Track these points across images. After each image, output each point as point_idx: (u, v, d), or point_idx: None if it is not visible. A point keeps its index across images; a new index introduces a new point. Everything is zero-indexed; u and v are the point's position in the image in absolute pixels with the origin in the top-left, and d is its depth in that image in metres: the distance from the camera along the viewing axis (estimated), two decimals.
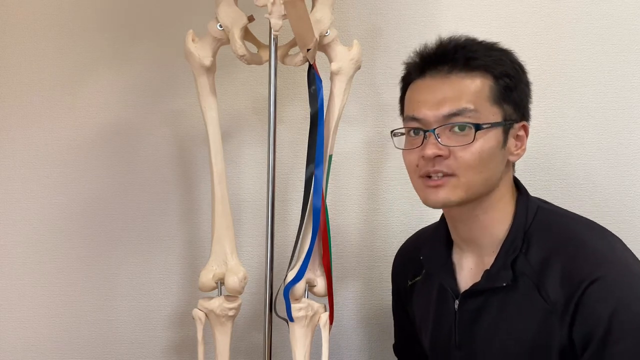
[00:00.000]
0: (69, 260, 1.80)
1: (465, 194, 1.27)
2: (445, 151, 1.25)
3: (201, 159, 1.79)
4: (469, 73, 1.27)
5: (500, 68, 1.28)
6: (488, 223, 1.31)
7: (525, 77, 1.33)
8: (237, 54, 1.40)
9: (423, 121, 1.28)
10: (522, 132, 1.31)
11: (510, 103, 1.29)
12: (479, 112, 1.25)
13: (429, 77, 1.30)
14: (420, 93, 1.31)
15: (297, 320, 1.43)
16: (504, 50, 1.32)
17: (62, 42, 1.79)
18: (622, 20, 1.76)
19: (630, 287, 1.21)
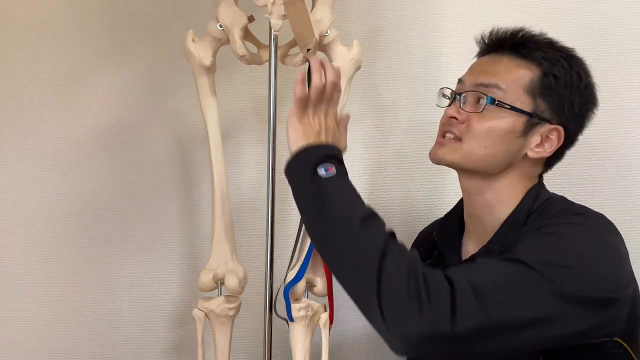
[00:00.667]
0: (69, 260, 1.80)
1: (461, 159, 1.32)
2: (463, 116, 1.31)
3: (201, 159, 1.79)
4: (518, 60, 1.32)
5: (549, 66, 1.31)
6: (493, 202, 1.34)
7: (583, 88, 1.33)
8: (237, 54, 1.40)
9: (462, 84, 1.36)
10: (554, 135, 1.32)
11: (547, 101, 1.30)
12: (506, 93, 1.29)
13: (489, 55, 1.37)
14: (475, 64, 1.39)
15: (297, 320, 1.43)
16: (569, 55, 1.34)
17: (62, 42, 1.79)
18: (622, 20, 1.77)
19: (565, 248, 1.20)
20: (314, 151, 1.23)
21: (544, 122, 1.30)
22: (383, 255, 1.11)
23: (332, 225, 1.16)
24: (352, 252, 1.13)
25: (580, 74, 1.33)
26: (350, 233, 1.14)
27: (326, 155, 1.22)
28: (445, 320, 1.07)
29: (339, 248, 1.15)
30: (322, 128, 1.28)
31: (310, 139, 1.25)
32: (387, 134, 1.80)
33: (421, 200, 1.79)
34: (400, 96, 1.79)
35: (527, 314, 1.11)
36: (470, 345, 1.10)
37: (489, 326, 1.09)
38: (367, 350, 1.83)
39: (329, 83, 1.26)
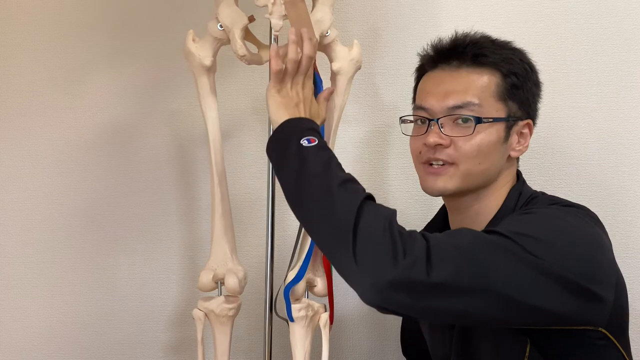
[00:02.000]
0: (69, 260, 1.80)
1: (462, 182, 1.31)
2: (447, 140, 1.30)
3: (201, 159, 1.79)
4: (477, 69, 1.32)
5: (508, 66, 1.32)
6: (481, 211, 1.35)
7: (535, 77, 1.37)
8: (237, 54, 1.40)
9: (429, 111, 1.33)
10: (527, 129, 1.35)
11: (516, 101, 1.33)
12: (482, 107, 1.30)
13: (439, 70, 1.36)
14: (430, 84, 1.37)
15: (297, 320, 1.43)
16: (515, 50, 1.36)
17: (62, 42, 1.79)
18: (621, 20, 1.77)
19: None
20: (298, 123, 1.26)
21: (517, 120, 1.34)
22: (360, 209, 1.12)
23: (313, 187, 1.17)
24: (330, 208, 1.14)
25: (529, 64, 1.36)
26: (330, 192, 1.15)
27: (309, 128, 1.24)
28: (421, 268, 1.07)
29: (317, 207, 1.16)
30: (300, 99, 1.30)
31: (290, 110, 1.28)
32: (387, 134, 1.80)
33: (421, 201, 1.79)
34: (400, 96, 1.78)
35: (502, 275, 1.10)
36: (442, 298, 1.08)
37: (463, 279, 1.08)
38: (368, 350, 1.83)
39: (305, 57, 1.28)
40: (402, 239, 1.10)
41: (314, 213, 1.17)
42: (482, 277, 1.09)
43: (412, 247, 1.09)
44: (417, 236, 1.11)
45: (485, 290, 1.09)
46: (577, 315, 1.16)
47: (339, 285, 1.72)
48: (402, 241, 1.09)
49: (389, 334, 1.81)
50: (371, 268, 1.09)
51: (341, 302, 1.77)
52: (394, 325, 1.79)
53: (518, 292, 1.10)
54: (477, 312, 1.11)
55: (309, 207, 1.18)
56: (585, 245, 1.19)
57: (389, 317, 1.80)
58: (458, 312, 1.11)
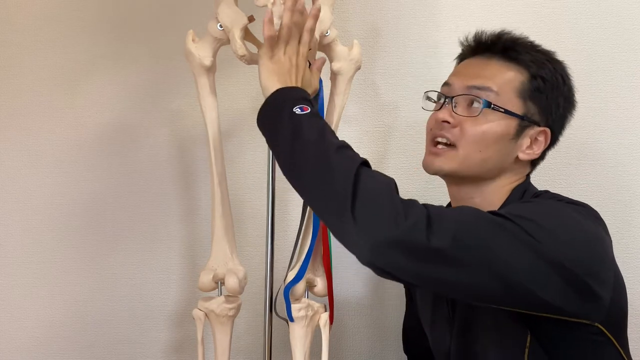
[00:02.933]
0: (69, 260, 1.80)
1: (458, 166, 1.31)
2: (455, 120, 1.31)
3: (201, 159, 1.79)
4: (507, 63, 1.33)
5: (537, 69, 1.32)
6: (482, 205, 1.32)
7: (567, 91, 1.35)
8: (237, 54, 1.40)
9: (451, 87, 1.34)
10: (542, 137, 1.33)
11: (537, 104, 1.32)
12: (499, 96, 1.30)
13: (475, 58, 1.38)
14: (461, 66, 1.40)
15: (297, 320, 1.43)
16: (553, 59, 1.36)
17: (62, 42, 1.79)
18: (622, 20, 1.77)
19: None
20: (290, 92, 1.26)
21: (533, 124, 1.32)
22: (358, 173, 1.12)
23: (308, 153, 1.17)
24: (327, 173, 1.14)
25: (564, 77, 1.35)
26: (326, 157, 1.15)
27: (301, 97, 1.24)
28: (421, 232, 1.07)
29: (314, 173, 1.15)
30: (292, 66, 1.29)
31: (282, 77, 1.28)
32: (387, 134, 1.80)
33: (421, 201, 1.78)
34: (400, 96, 1.79)
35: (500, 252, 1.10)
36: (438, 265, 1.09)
37: (462, 250, 1.08)
38: (368, 351, 1.83)
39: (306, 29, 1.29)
40: (403, 203, 1.11)
41: (311, 179, 1.16)
42: (481, 251, 1.10)
43: (414, 212, 1.09)
44: (418, 203, 1.13)
45: (482, 265, 1.10)
46: (572, 306, 1.16)
47: (339, 285, 1.72)
48: (403, 205, 1.10)
49: (389, 334, 1.81)
50: (371, 228, 1.08)
51: (341, 302, 1.78)
52: (394, 325, 1.79)
53: (514, 272, 1.11)
54: (471, 285, 1.11)
55: (306, 174, 1.17)
56: (587, 240, 1.19)
57: (389, 317, 1.80)
58: (451, 283, 1.11)
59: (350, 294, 1.82)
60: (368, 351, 1.83)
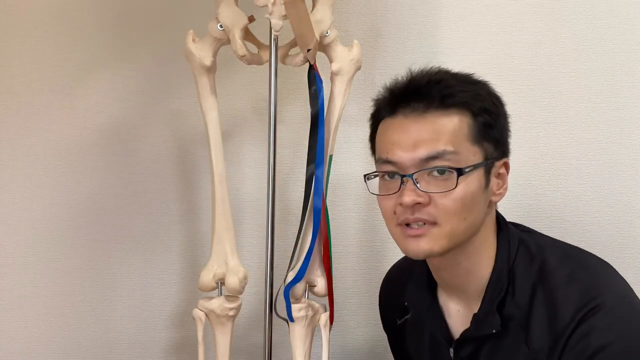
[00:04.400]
0: (69, 260, 1.80)
1: (448, 243, 1.19)
2: (426, 198, 1.17)
3: (201, 159, 1.79)
4: (445, 110, 1.18)
5: (478, 104, 1.20)
6: (472, 269, 1.24)
7: (504, 110, 1.25)
8: (237, 55, 1.40)
9: (399, 165, 1.19)
10: (504, 169, 1.24)
11: (491, 140, 1.21)
12: (458, 154, 1.17)
13: (401, 115, 1.21)
14: (393, 133, 1.21)
15: (297, 321, 1.43)
16: (480, 83, 1.24)
17: (62, 42, 1.79)
18: (622, 20, 1.76)
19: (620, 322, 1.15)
20: None
21: (494, 161, 1.22)
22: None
23: None
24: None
25: (497, 97, 1.24)
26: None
27: None
28: None
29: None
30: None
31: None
32: None
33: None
34: None
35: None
36: None
37: None
38: (368, 351, 1.83)
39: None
40: None
41: None
42: None
43: None
44: None
45: None
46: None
47: (339, 285, 1.72)
48: None
49: None
50: None
51: (341, 302, 1.78)
52: None
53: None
54: None
55: None
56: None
57: None
58: None
59: (350, 294, 1.82)
60: (368, 351, 1.83)
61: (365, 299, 1.82)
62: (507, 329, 1.21)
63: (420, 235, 1.18)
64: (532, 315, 1.19)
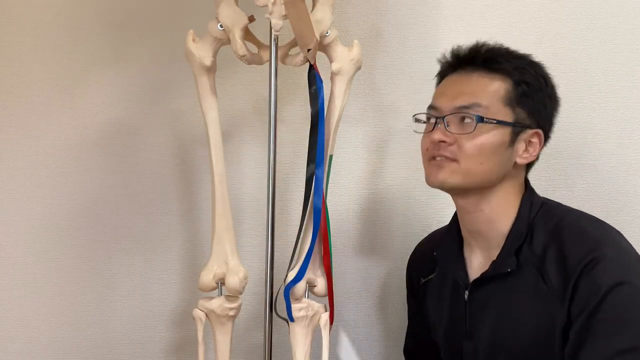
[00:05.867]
0: (69, 260, 1.80)
1: (463, 179, 1.34)
2: (451, 138, 1.34)
3: (201, 159, 1.79)
4: (489, 74, 1.37)
5: (520, 75, 1.36)
6: (493, 217, 1.38)
7: (550, 90, 1.41)
8: (237, 54, 1.40)
9: (439, 109, 1.37)
10: (536, 139, 1.38)
11: (525, 109, 1.36)
12: (488, 109, 1.34)
13: (456, 74, 1.41)
14: (444, 86, 1.42)
15: (297, 320, 1.43)
16: (531, 62, 1.40)
17: (62, 42, 1.79)
18: (622, 20, 1.77)
19: (625, 267, 1.28)
20: None
21: (526, 128, 1.37)
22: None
23: None
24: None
25: (545, 77, 1.40)
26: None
27: None
28: None
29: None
30: None
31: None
32: (387, 135, 1.80)
33: (422, 201, 1.79)
34: (400, 96, 1.79)
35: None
36: None
37: None
38: (368, 351, 1.83)
39: None
40: None
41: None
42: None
43: None
44: None
45: None
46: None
47: (339, 285, 1.72)
48: None
49: (389, 334, 1.81)
50: None
51: (341, 302, 1.78)
52: (394, 326, 1.79)
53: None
54: None
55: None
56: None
57: (389, 317, 1.80)
58: None
59: (350, 294, 1.82)
60: (368, 351, 1.83)
61: (365, 299, 1.82)
62: (521, 270, 1.34)
63: (440, 166, 1.36)
64: (546, 259, 1.32)
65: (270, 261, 1.46)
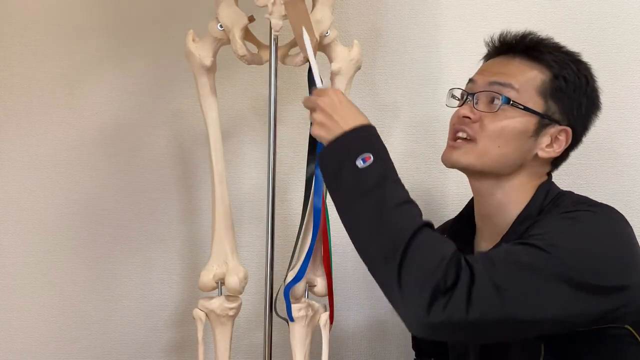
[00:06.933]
0: (69, 260, 1.80)
1: (475, 160, 1.33)
2: (477, 115, 1.33)
3: (201, 159, 1.79)
4: (530, 62, 1.35)
5: (560, 69, 1.35)
6: (505, 202, 1.35)
7: (590, 92, 1.37)
8: (237, 54, 1.40)
9: (474, 84, 1.38)
10: (563, 136, 1.35)
11: (558, 103, 1.34)
12: (519, 93, 1.32)
13: (499, 57, 1.41)
14: (485, 65, 1.42)
15: (297, 320, 1.43)
16: (577, 59, 1.39)
17: (62, 42, 1.79)
18: (621, 20, 1.77)
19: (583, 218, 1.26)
20: (347, 142, 1.24)
21: (554, 123, 1.34)
22: (414, 236, 1.14)
23: (366, 209, 1.18)
24: (380, 231, 1.15)
25: (587, 78, 1.38)
26: (382, 214, 1.16)
27: (361, 143, 1.23)
28: (461, 308, 1.10)
29: (368, 229, 1.17)
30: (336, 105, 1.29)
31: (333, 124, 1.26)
32: (387, 134, 1.80)
33: (422, 201, 1.77)
34: (400, 96, 1.79)
35: (541, 310, 1.13)
36: (484, 333, 1.14)
37: (503, 318, 1.12)
38: (367, 351, 1.83)
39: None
40: (448, 274, 1.11)
41: (365, 236, 1.18)
42: (524, 311, 1.13)
43: (458, 287, 1.11)
44: (463, 269, 1.12)
45: (527, 321, 1.13)
46: (605, 315, 1.19)
47: (339, 285, 1.72)
48: (447, 278, 1.11)
49: (389, 334, 1.81)
50: (414, 305, 1.12)
51: (341, 302, 1.78)
52: (394, 326, 1.79)
53: (552, 312, 1.14)
54: (523, 335, 1.20)
55: (361, 231, 1.19)
56: (619, 250, 1.22)
57: (388, 317, 1.80)
58: (497, 337, 1.20)
59: (350, 294, 1.82)
60: (368, 351, 1.83)
61: (365, 299, 1.82)
62: None
63: (456, 147, 1.35)
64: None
65: (270, 261, 1.46)
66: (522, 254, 1.16)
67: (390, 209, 1.17)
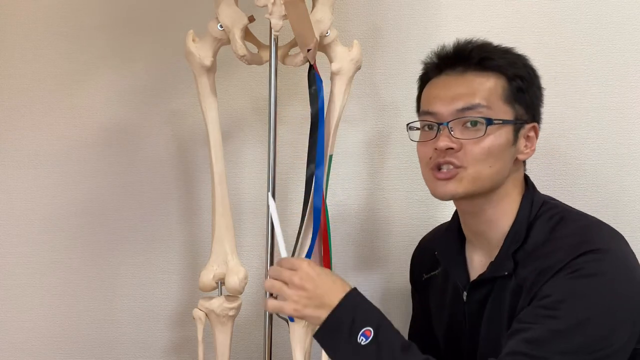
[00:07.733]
0: (69, 260, 1.80)
1: (472, 186, 1.31)
2: (457, 144, 1.30)
3: (201, 159, 1.79)
4: (483, 72, 1.33)
5: (513, 70, 1.34)
6: (495, 217, 1.35)
7: (538, 81, 1.38)
8: (237, 54, 1.40)
9: (437, 115, 1.33)
10: (532, 133, 1.36)
11: (522, 104, 1.34)
12: (491, 109, 1.31)
13: (444, 75, 1.37)
14: (436, 89, 1.37)
15: (297, 321, 1.43)
16: (518, 55, 1.38)
17: (62, 42, 1.79)
18: (621, 20, 1.76)
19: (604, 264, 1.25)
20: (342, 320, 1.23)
21: (524, 124, 1.35)
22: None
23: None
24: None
25: (532, 69, 1.38)
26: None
27: (358, 317, 1.23)
28: None
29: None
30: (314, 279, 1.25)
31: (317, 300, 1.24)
32: (387, 134, 1.80)
33: (421, 201, 1.79)
34: (400, 96, 1.79)
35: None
36: None
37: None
38: None
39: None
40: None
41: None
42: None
43: None
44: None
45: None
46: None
47: None
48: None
49: None
50: None
51: None
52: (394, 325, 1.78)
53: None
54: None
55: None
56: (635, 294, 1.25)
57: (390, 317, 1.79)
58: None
59: None
60: None
61: None
62: (517, 270, 1.31)
63: (448, 178, 1.31)
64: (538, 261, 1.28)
65: (270, 261, 1.46)
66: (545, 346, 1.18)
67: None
